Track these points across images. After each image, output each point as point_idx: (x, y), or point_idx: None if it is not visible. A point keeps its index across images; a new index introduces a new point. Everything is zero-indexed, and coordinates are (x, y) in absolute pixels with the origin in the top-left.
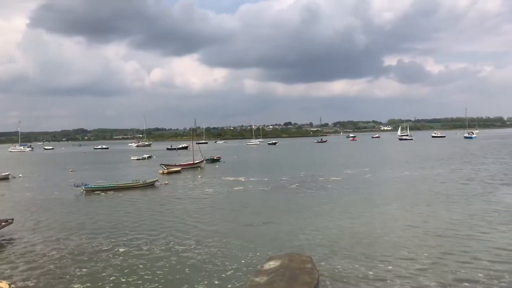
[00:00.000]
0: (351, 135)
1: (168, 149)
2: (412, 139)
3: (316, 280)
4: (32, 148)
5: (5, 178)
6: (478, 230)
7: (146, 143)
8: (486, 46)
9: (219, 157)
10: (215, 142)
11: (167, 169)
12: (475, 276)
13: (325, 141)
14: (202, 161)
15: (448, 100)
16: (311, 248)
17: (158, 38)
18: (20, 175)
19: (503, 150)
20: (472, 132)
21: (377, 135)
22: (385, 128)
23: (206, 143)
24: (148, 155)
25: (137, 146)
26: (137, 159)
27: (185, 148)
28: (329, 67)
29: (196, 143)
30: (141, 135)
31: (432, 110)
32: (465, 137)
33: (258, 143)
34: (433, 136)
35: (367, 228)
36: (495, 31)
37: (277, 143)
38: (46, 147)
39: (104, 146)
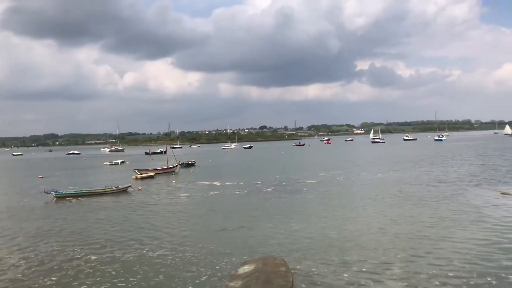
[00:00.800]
0: (325, 138)
1: (146, 153)
2: (384, 142)
3: (291, 283)
4: None
5: None
6: (449, 231)
7: (119, 148)
8: (454, 51)
9: (194, 161)
10: (190, 146)
11: (141, 174)
12: (445, 276)
13: (303, 145)
14: (177, 165)
15: (418, 104)
16: (286, 251)
17: (132, 41)
18: None
19: (471, 152)
20: (442, 135)
21: (350, 138)
22: (358, 131)
23: (181, 147)
24: (121, 160)
25: (110, 151)
26: (110, 164)
27: (164, 152)
28: (304, 71)
29: (170, 147)
30: (114, 140)
31: (403, 113)
32: (435, 140)
33: (234, 147)
34: (404, 139)
35: (340, 231)
36: (463, 36)
37: (252, 147)
38: (14, 153)
39: (76, 152)
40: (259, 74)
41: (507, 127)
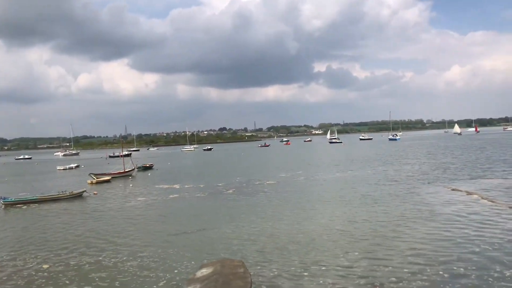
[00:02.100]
0: (284, 139)
1: (110, 156)
2: (341, 142)
3: (249, 284)
4: None
5: None
6: (403, 228)
7: (73, 152)
8: (407, 54)
9: (151, 164)
10: (148, 149)
11: (97, 178)
12: (401, 272)
13: (268, 145)
14: (134, 169)
15: (374, 104)
16: (245, 253)
17: (86, 42)
18: None
19: (423, 150)
20: (396, 134)
21: (309, 139)
22: (316, 132)
23: (138, 150)
24: (76, 165)
25: (63, 155)
26: (63, 169)
27: (129, 155)
28: (263, 73)
29: (127, 150)
30: (68, 144)
31: (360, 114)
32: (390, 139)
33: (193, 149)
34: (361, 139)
35: (299, 232)
36: (415, 39)
37: (212, 148)
38: None
39: (26, 156)
40: (218, 75)
41: (456, 126)
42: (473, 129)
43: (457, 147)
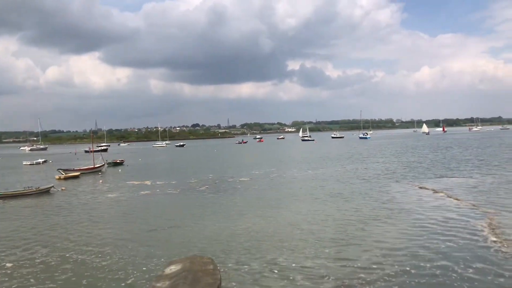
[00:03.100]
0: (258, 136)
1: (86, 151)
2: (313, 140)
3: (219, 280)
4: None
5: None
6: (372, 225)
7: (41, 147)
8: (378, 54)
9: (122, 160)
10: (118, 144)
11: (65, 174)
12: (369, 268)
13: (245, 142)
14: (104, 164)
15: (345, 103)
16: (216, 250)
17: (55, 34)
18: None
19: (392, 149)
20: (366, 133)
21: (282, 137)
22: (289, 129)
23: (108, 146)
24: (43, 160)
25: (30, 150)
26: (30, 164)
27: (105, 150)
28: (237, 70)
29: (97, 146)
30: (35, 138)
31: (332, 112)
32: (360, 138)
33: (165, 145)
34: (332, 137)
35: (269, 229)
36: (386, 40)
37: (185, 145)
38: None
39: None
40: (192, 71)
41: (424, 126)
42: (441, 129)
43: (425, 147)
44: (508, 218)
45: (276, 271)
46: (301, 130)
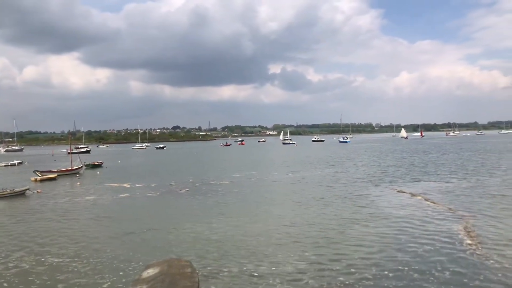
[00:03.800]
0: (239, 139)
1: (69, 153)
2: (294, 143)
3: (197, 283)
4: None
5: None
6: (351, 229)
7: (17, 148)
8: (359, 59)
9: (101, 162)
10: (97, 146)
11: (41, 176)
12: (348, 272)
13: (229, 145)
14: (81, 166)
15: (326, 107)
16: (194, 253)
17: (33, 33)
18: None
19: (371, 153)
20: (346, 137)
21: (263, 140)
22: (271, 132)
23: (87, 147)
24: (19, 161)
25: (6, 151)
26: (5, 166)
27: (88, 152)
28: (218, 72)
29: (75, 147)
30: (11, 139)
31: (312, 116)
32: (340, 141)
33: (145, 147)
34: (313, 141)
35: (250, 233)
36: (367, 45)
37: (165, 147)
38: None
39: None
40: (173, 73)
41: (403, 131)
42: (419, 133)
43: (403, 151)
44: (483, 221)
45: (255, 275)
46: (282, 133)
